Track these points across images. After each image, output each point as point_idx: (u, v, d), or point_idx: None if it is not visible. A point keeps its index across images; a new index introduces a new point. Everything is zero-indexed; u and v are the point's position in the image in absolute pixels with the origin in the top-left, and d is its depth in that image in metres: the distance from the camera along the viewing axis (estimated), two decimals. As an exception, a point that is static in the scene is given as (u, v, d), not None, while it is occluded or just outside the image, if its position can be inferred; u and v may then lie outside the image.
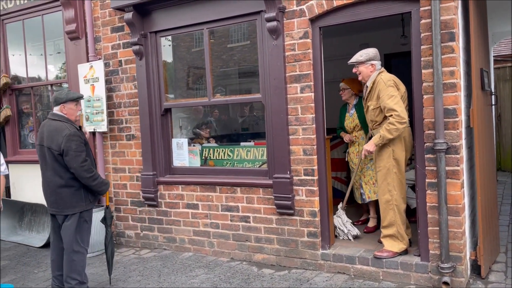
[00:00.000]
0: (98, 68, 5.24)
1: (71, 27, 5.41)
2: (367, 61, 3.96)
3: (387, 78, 3.87)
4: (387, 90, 3.80)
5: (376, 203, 4.72)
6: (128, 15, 4.79)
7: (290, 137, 4.22)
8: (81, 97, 3.76)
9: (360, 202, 4.96)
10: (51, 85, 6.15)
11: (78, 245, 3.57)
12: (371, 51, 4.00)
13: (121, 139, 5.31)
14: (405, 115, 3.73)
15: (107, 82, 5.31)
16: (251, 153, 4.80)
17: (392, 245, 3.91)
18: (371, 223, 4.85)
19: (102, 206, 5.28)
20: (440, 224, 3.52)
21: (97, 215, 5.02)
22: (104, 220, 3.96)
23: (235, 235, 4.62)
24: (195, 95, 5.90)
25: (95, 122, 5.32)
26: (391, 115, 3.74)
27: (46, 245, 5.49)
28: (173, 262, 4.65)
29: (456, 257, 3.55)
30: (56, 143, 3.47)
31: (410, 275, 3.74)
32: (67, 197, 3.53)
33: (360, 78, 4.05)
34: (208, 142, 5.41)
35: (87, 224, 3.66)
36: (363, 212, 5.19)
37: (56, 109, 3.64)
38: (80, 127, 3.72)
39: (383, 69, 4.01)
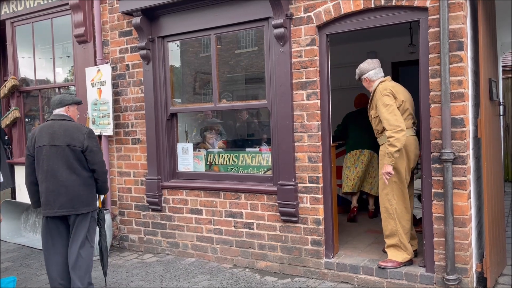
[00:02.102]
0: (105, 71, 5.26)
1: (80, 30, 5.45)
2: (360, 77, 4.06)
3: (384, 87, 3.84)
4: (382, 100, 3.78)
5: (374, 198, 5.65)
6: (136, 20, 4.82)
7: (296, 144, 4.20)
8: (81, 102, 3.99)
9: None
10: (59, 88, 6.18)
11: (88, 244, 3.62)
12: (362, 66, 4.06)
13: (126, 143, 5.32)
14: (399, 122, 3.66)
15: (114, 86, 5.33)
16: (256, 159, 4.78)
17: (396, 255, 3.86)
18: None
19: (105, 208, 5.28)
20: (446, 235, 3.48)
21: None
22: (98, 222, 3.91)
23: (238, 241, 4.60)
24: (201, 100, 5.90)
25: (101, 126, 5.33)
26: (385, 126, 3.73)
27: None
28: (176, 267, 4.63)
29: (462, 269, 3.50)
30: (78, 140, 3.55)
31: (414, 286, 3.69)
32: (84, 195, 3.58)
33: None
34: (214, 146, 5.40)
35: (95, 223, 3.75)
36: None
37: (60, 110, 3.73)
38: None
39: (386, 78, 3.98)
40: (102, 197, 4.14)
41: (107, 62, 5.34)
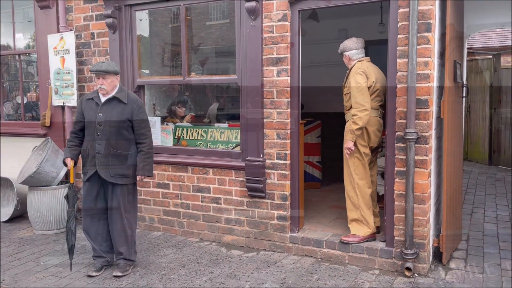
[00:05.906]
0: (69, 39, 5.05)
1: (41, -6, 5.17)
2: (342, 52, 4.05)
3: (358, 67, 3.92)
4: (355, 77, 3.86)
5: None
6: (102, -14, 4.62)
7: (265, 120, 4.20)
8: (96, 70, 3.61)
9: None
10: (19, 54, 5.90)
11: None
12: (346, 43, 4.05)
13: (91, 114, 5.16)
14: (365, 102, 3.77)
15: (78, 54, 5.13)
16: (225, 135, 4.76)
17: (357, 229, 3.99)
18: None
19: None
20: (406, 211, 3.61)
21: (62, 191, 4.92)
22: (66, 199, 3.73)
23: (205, 216, 4.62)
24: (170, 72, 5.78)
25: (65, 96, 5.15)
26: (352, 104, 3.83)
27: (10, 220, 5.37)
28: (142, 241, 4.61)
29: (420, 244, 3.66)
30: None
31: (375, 260, 3.84)
32: None
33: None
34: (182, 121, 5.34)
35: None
36: None
37: None
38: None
39: (365, 58, 4.01)
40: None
41: (71, 30, 5.11)
